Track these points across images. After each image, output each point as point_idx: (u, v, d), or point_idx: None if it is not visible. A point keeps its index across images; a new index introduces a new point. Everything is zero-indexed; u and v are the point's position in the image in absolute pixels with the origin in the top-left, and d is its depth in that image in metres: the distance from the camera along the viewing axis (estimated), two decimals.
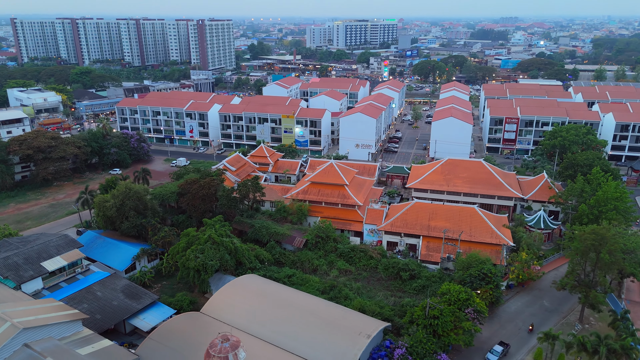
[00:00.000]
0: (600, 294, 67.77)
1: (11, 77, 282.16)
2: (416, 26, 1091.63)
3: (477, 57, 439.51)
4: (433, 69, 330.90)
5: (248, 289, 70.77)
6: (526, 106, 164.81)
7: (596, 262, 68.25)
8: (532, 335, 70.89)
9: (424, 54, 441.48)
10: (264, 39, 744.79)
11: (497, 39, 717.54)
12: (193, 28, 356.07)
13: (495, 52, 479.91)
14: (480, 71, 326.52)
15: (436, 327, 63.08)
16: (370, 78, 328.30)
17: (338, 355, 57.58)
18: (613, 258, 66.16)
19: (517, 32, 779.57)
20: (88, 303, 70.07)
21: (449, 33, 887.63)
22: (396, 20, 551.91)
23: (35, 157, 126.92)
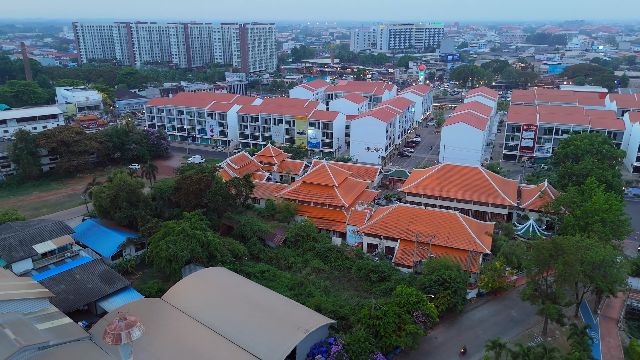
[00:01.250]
0: (553, 306, 65.65)
1: (65, 77, 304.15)
2: (471, 30, 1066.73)
3: (526, 62, 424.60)
4: (472, 74, 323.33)
5: (210, 280, 74.22)
6: (546, 113, 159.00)
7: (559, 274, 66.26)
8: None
9: (470, 58, 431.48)
10: (312, 43, 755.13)
11: (554, 43, 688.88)
12: (235, 32, 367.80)
13: (546, 57, 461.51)
14: (521, 76, 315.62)
15: (378, 327, 63.72)
16: (406, 82, 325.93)
17: (272, 346, 59.68)
18: (568, 270, 64.04)
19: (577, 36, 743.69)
20: (65, 284, 76.06)
21: (503, 37, 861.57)
22: (443, 24, 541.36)
23: (60, 150, 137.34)
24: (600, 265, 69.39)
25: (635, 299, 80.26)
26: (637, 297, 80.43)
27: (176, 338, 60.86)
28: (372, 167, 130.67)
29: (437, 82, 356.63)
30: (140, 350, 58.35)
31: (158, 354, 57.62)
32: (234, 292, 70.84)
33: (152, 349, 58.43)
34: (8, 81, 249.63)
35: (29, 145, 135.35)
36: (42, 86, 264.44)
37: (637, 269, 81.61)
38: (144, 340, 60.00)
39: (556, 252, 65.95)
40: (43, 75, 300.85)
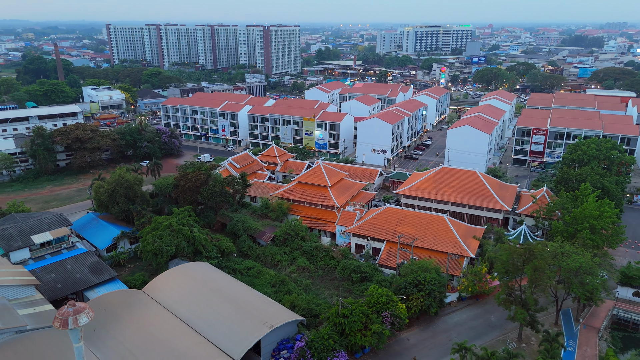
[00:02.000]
0: (522, 311, 64.75)
1: (95, 77, 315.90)
2: (505, 32, 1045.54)
3: (556, 65, 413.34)
4: (495, 77, 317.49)
5: (189, 274, 76.50)
6: (558, 117, 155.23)
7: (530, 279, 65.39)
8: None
9: (498, 61, 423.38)
10: (341, 45, 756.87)
11: (590, 45, 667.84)
12: (259, 33, 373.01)
13: (578, 60, 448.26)
14: (547, 80, 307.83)
15: (344, 325, 64.43)
16: (428, 84, 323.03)
17: (236, 339, 61.27)
18: (538, 275, 63.11)
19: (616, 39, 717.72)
20: (56, 273, 79.83)
21: (538, 39, 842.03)
22: (472, 26, 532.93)
23: (74, 146, 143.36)
24: (577, 273, 68.10)
25: (622, 309, 78.08)
26: (624, 307, 78.19)
27: (146, 327, 63.26)
28: (372, 169, 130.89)
29: (461, 85, 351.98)
30: (110, 338, 61.03)
31: (125, 341, 60.09)
32: (210, 287, 72.81)
33: (120, 336, 60.96)
34: (38, 80, 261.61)
35: (46, 141, 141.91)
36: (72, 86, 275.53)
37: (624, 278, 79.28)
38: (114, 328, 62.84)
39: (528, 256, 65.07)
40: (74, 75, 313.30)
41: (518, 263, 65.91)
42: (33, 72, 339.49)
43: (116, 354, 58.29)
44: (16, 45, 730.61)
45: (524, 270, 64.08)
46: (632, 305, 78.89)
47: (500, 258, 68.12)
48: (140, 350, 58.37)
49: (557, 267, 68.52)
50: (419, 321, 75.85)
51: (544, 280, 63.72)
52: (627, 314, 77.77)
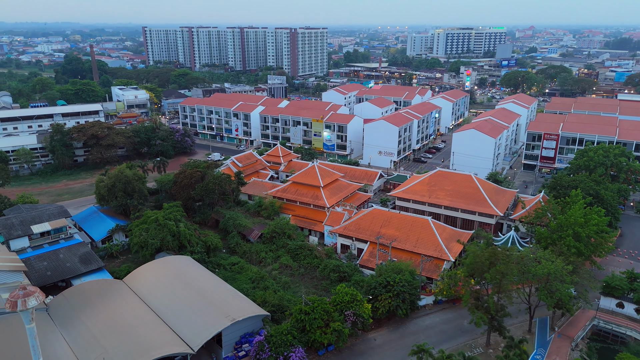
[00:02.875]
0: (479, 315, 64.12)
1: (127, 77, 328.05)
2: (547, 34, 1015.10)
3: (593, 68, 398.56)
4: (523, 81, 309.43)
5: (168, 267, 79.49)
6: (572, 122, 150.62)
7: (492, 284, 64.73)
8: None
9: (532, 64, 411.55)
10: (374, 47, 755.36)
11: (635, 49, 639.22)
12: (286, 36, 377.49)
13: (617, 64, 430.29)
14: (577, 84, 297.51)
15: (305, 322, 65.58)
16: (453, 87, 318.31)
17: (198, 330, 63.50)
18: (497, 280, 62.37)
19: None
20: (48, 262, 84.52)
21: (580, 42, 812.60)
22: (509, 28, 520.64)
23: (90, 143, 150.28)
24: (546, 280, 66.83)
25: (602, 320, 75.74)
26: (605, 318, 75.80)
27: (115, 315, 66.40)
28: (372, 171, 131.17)
29: (489, 88, 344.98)
30: (79, 323, 64.53)
31: (92, 326, 63.36)
32: (185, 280, 75.42)
33: (89, 322, 64.33)
34: (71, 80, 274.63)
35: (64, 137, 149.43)
36: (104, 85, 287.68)
37: (606, 288, 76.86)
38: (85, 314, 66.34)
39: (492, 261, 64.39)
40: (107, 75, 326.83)
41: (483, 267, 65.26)
42: (71, 72, 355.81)
43: (81, 338, 61.63)
44: (62, 46, 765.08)
45: (483, 275, 63.37)
46: (614, 316, 76.38)
47: (464, 261, 67.55)
48: (104, 335, 61.43)
49: (526, 273, 67.38)
50: (390, 322, 76.07)
51: (506, 285, 62.87)
52: (607, 325, 75.40)
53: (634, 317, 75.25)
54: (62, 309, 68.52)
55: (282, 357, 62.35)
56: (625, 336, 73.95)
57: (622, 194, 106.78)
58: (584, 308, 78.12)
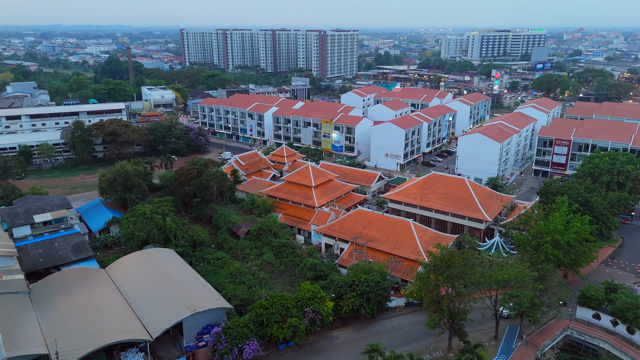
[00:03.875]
0: (432, 318, 63.86)
1: (161, 78, 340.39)
2: (597, 37, 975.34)
3: (637, 72, 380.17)
4: (556, 85, 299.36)
5: (148, 258, 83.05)
6: (587, 127, 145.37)
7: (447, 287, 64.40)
8: None
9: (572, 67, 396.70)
10: (411, 50, 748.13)
11: None
12: (315, 38, 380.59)
13: None
14: (613, 89, 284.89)
15: (263, 316, 67.35)
16: (482, 91, 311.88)
17: (160, 319, 66.33)
18: (449, 283, 62.03)
19: None
20: (43, 249, 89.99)
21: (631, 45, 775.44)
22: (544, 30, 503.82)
23: (107, 139, 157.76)
24: (507, 285, 65.92)
25: (576, 330, 73.57)
26: (579, 328, 73.58)
27: (87, 300, 70.19)
28: (371, 173, 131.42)
29: (522, 92, 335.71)
30: (53, 306, 68.73)
31: (63, 310, 67.35)
32: (160, 271, 78.57)
33: (61, 306, 68.40)
34: (104, 80, 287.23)
35: (84, 134, 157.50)
36: (139, 85, 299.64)
37: (581, 298, 74.58)
38: (60, 298, 70.57)
39: (450, 263, 64.07)
40: (141, 76, 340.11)
41: (440, 269, 65.00)
42: (110, 72, 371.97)
43: (52, 320, 65.71)
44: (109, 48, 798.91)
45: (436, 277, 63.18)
46: (590, 327, 73.97)
47: (423, 263, 67.48)
48: (71, 319, 65.26)
49: (487, 278, 66.68)
50: (357, 322, 76.73)
51: (459, 288, 62.48)
52: (580, 335, 73.21)
53: (610, 330, 72.71)
54: (42, 293, 73.12)
55: (237, 348, 64.40)
56: (598, 348, 71.58)
57: (622, 203, 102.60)
58: (559, 317, 76.16)
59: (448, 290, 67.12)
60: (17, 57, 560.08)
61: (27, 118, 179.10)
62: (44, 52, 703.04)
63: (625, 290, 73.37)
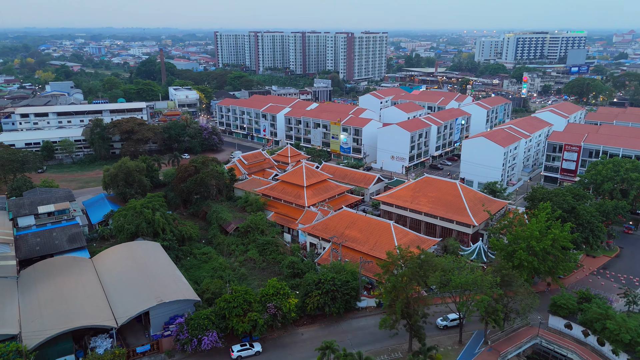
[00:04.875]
0: (385, 318, 64.13)
1: (192, 79, 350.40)
2: None
3: None
4: (588, 89, 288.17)
5: (131, 250, 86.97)
6: (600, 133, 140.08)
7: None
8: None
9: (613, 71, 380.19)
10: (447, 52, 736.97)
11: None
12: (343, 40, 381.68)
13: None
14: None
15: (225, 310, 69.51)
16: (509, 94, 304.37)
17: (127, 307, 69.71)
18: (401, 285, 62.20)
19: None
20: (41, 238, 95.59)
21: None
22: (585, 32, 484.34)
23: (123, 137, 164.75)
24: (464, 290, 65.44)
25: (545, 339, 71.88)
26: (549, 337, 71.86)
27: (65, 287, 74.25)
28: (370, 174, 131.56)
29: (555, 96, 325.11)
30: (33, 292, 73.30)
31: (40, 295, 71.74)
32: (140, 263, 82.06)
33: (41, 291, 72.86)
34: (134, 80, 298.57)
35: (102, 131, 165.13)
36: (169, 86, 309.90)
37: (552, 307, 72.80)
38: (42, 284, 75.14)
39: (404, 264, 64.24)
40: (173, 76, 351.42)
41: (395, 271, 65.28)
42: (144, 73, 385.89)
43: (29, 303, 70.23)
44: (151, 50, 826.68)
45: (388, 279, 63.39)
46: (560, 336, 72.11)
47: (380, 264, 67.85)
48: (46, 304, 69.50)
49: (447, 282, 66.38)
50: (325, 320, 77.70)
51: (408, 290, 62.54)
52: (549, 345, 71.48)
53: (581, 340, 70.66)
54: (28, 278, 78.08)
55: (196, 339, 66.86)
56: (565, 358, 69.68)
57: (619, 212, 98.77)
58: (530, 325, 74.58)
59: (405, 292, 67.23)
60: (65, 57, 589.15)
61: (54, 115, 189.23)
62: (90, 54, 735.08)
63: (599, 300, 71.04)
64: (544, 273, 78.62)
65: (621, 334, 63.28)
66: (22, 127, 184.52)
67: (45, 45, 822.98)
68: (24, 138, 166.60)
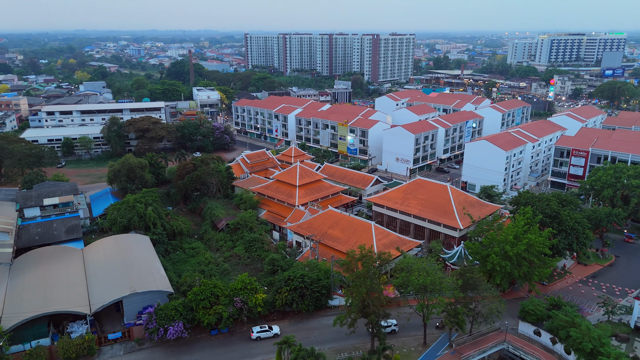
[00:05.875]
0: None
1: (217, 79, 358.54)
2: None
3: None
4: (620, 92, 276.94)
5: (120, 242, 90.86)
6: (611, 139, 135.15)
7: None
8: None
9: None
10: (482, 54, 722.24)
11: None
12: (368, 42, 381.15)
13: None
14: None
15: (193, 302, 71.99)
16: (536, 98, 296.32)
17: (103, 295, 73.25)
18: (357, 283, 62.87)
19: None
20: (42, 228, 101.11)
21: None
22: (625, 34, 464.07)
23: (138, 135, 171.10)
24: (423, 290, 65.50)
25: (512, 345, 70.76)
26: (516, 343, 70.68)
27: (50, 274, 78.59)
28: (368, 176, 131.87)
29: (585, 100, 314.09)
30: (20, 278, 77.96)
31: (25, 281, 76.30)
32: (125, 254, 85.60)
33: (26, 277, 77.46)
34: (160, 81, 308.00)
35: (119, 129, 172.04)
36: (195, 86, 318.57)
37: (521, 313, 71.56)
38: (29, 271, 79.79)
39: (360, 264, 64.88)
40: (200, 77, 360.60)
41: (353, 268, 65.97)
42: (174, 74, 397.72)
43: (15, 289, 74.79)
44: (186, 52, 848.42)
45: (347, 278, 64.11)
46: (529, 343, 70.80)
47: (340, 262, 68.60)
48: (28, 289, 73.93)
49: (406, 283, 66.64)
50: (296, 316, 79.05)
51: (360, 289, 63.15)
52: (516, 350, 70.32)
53: (549, 348, 69.20)
54: (20, 265, 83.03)
55: (163, 328, 69.61)
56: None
57: (613, 219, 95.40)
58: (502, 330, 73.48)
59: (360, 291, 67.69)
60: (105, 59, 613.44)
61: (77, 114, 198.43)
62: (130, 55, 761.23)
63: (569, 308, 69.32)
64: (519, 278, 77.30)
65: (583, 342, 61.74)
66: (47, 124, 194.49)
67: (89, 47, 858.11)
68: (46, 134, 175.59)
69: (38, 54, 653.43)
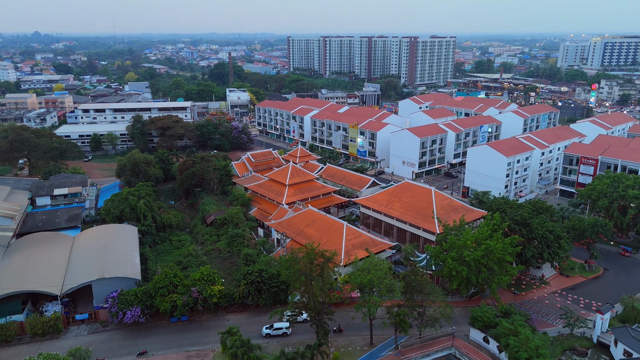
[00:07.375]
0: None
1: (253, 81, 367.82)
2: None
3: None
4: None
5: (107, 231, 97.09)
6: (626, 148, 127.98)
7: None
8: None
9: None
10: (534, 57, 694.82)
11: None
12: (405, 45, 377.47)
13: None
14: None
15: (152, 289, 76.25)
16: (575, 103, 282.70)
17: (75, 278, 79.20)
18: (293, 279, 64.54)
19: None
20: (46, 216, 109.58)
21: None
22: None
23: (158, 132, 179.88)
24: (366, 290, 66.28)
25: (459, 350, 69.91)
26: (463, 349, 69.76)
27: (36, 257, 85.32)
28: (365, 177, 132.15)
29: (633, 106, 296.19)
30: (11, 258, 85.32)
31: (14, 262, 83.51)
32: (105, 242, 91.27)
33: (15, 258, 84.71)
34: (196, 81, 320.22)
35: (142, 127, 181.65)
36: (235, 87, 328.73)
37: (471, 319, 70.48)
38: (19, 253, 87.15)
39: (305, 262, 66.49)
40: (238, 79, 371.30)
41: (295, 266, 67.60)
42: (216, 75, 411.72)
43: (4, 268, 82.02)
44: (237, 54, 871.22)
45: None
46: (477, 349, 69.63)
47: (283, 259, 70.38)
48: (12, 269, 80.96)
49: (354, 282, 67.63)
50: (256, 309, 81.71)
51: (296, 285, 64.70)
52: (462, 357, 69.37)
53: (496, 355, 67.83)
54: (15, 248, 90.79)
55: (122, 312, 74.30)
56: None
57: (599, 230, 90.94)
58: (454, 335, 72.65)
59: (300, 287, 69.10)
60: (159, 61, 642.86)
61: (110, 112, 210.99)
62: (183, 57, 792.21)
63: (519, 316, 67.50)
64: (477, 284, 75.97)
65: (520, 351, 60.31)
66: (82, 120, 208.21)
67: (149, 49, 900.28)
68: (78, 130, 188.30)
69: (101, 55, 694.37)
